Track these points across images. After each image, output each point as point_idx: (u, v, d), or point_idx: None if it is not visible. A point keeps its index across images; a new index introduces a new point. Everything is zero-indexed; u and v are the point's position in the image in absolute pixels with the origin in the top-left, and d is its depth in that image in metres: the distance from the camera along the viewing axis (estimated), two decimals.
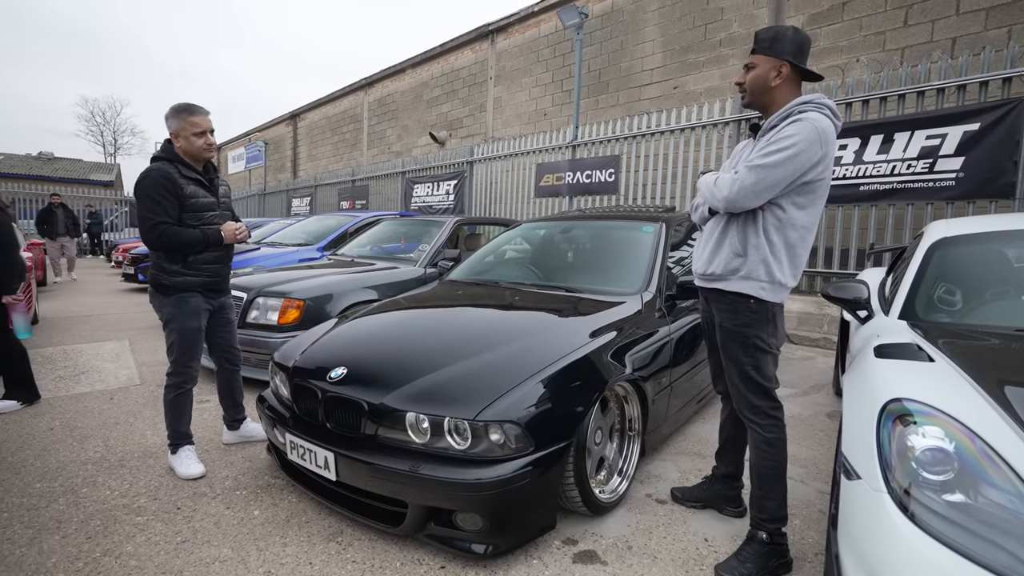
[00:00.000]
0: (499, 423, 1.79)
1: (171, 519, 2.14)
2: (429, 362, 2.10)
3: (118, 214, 19.02)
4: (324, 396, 2.07)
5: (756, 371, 1.80)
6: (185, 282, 2.48)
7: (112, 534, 2.03)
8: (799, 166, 1.63)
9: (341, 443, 1.97)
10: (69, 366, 4.35)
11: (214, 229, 2.50)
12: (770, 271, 1.73)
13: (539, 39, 11.63)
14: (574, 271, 3.40)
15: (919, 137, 5.23)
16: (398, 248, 5.46)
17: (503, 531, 1.84)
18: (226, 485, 2.43)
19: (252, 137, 24.96)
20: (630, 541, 2.03)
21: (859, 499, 1.26)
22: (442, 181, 10.82)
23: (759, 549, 1.80)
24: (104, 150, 43.90)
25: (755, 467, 1.85)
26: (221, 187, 2.65)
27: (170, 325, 2.50)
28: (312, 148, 20.77)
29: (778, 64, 1.74)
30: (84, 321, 6.34)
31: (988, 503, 1.10)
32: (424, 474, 1.77)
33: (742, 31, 8.27)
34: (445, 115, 14.16)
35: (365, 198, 13.22)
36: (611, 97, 10.15)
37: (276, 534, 2.04)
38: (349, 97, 18.29)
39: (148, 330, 5.85)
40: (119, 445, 2.83)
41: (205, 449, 2.76)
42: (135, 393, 3.71)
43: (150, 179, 2.37)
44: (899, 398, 1.34)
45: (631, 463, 2.38)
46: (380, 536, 2.02)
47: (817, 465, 2.71)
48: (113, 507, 2.22)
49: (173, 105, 2.44)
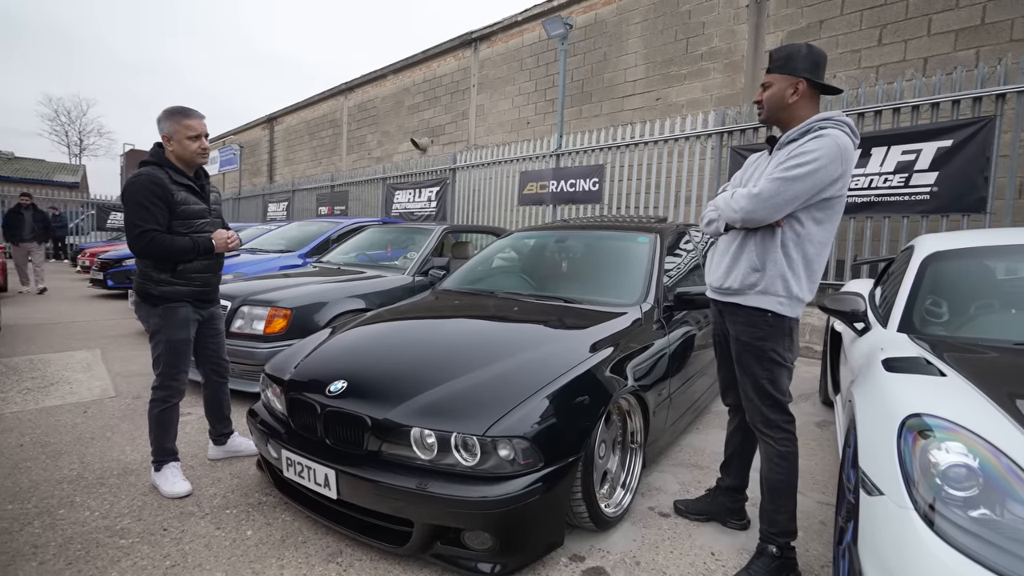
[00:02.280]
0: (508, 439, 1.75)
1: (158, 541, 2.03)
2: (432, 375, 2.05)
3: (84, 217, 18.34)
4: (323, 411, 2.00)
5: (772, 385, 1.81)
6: (174, 292, 2.38)
7: (95, 559, 1.91)
8: (819, 181, 1.64)
9: (342, 460, 1.90)
10: (37, 377, 4.13)
11: (205, 237, 2.41)
12: (788, 286, 1.74)
13: (522, 48, 11.69)
14: (571, 281, 3.38)
15: (895, 152, 5.39)
16: (384, 256, 5.37)
17: (512, 549, 1.80)
18: (215, 504, 2.32)
19: (226, 140, 24.40)
20: (637, 556, 2.00)
21: (883, 515, 1.26)
22: (424, 188, 10.74)
23: (769, 563, 1.80)
24: (69, 150, 42.40)
25: (767, 480, 1.85)
26: (212, 194, 2.55)
27: (157, 336, 2.39)
28: (289, 152, 20.42)
29: (794, 81, 1.77)
30: (51, 329, 6.05)
31: (1015, 519, 1.11)
32: (432, 492, 1.72)
33: (723, 45, 8.44)
34: (427, 122, 14.08)
35: (344, 204, 13.06)
36: (594, 107, 10.24)
37: (272, 555, 1.95)
38: (329, 101, 18.06)
39: (121, 339, 5.62)
40: (96, 462, 2.69)
41: (190, 465, 2.65)
42: (110, 406, 3.54)
43: (139, 184, 2.27)
44: (918, 413, 1.35)
45: (634, 476, 2.36)
46: (383, 556, 1.95)
47: (812, 475, 2.74)
48: (94, 529, 2.10)
49: (167, 108, 2.35)
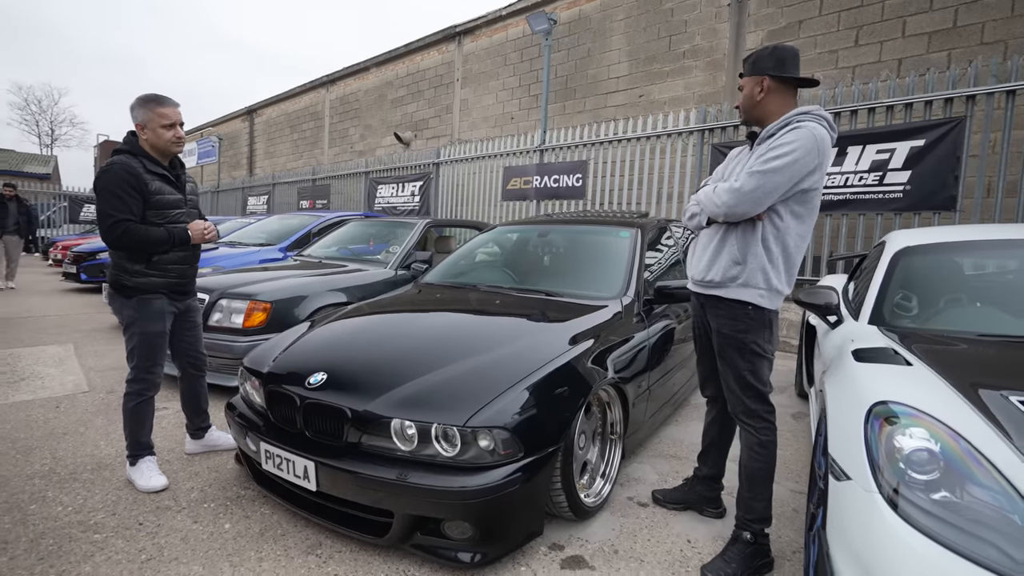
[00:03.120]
0: (489, 429, 1.76)
1: (133, 536, 2.00)
2: (413, 367, 2.06)
3: (55, 209, 17.83)
4: (303, 403, 1.99)
5: (753, 375, 1.85)
6: (149, 283, 2.34)
7: (67, 554, 1.88)
8: (797, 172, 1.69)
9: (322, 452, 1.90)
10: (7, 372, 4.03)
11: (181, 228, 2.37)
12: (768, 279, 1.79)
13: (507, 43, 11.66)
14: (553, 275, 3.40)
15: (870, 151, 5.52)
16: (366, 250, 5.33)
17: (492, 539, 1.81)
18: (192, 497, 2.30)
19: (204, 132, 23.90)
20: (616, 545, 2.04)
21: (850, 499, 1.30)
22: (408, 182, 10.67)
23: (743, 549, 1.84)
24: (40, 141, 41.24)
25: (746, 468, 1.89)
26: (188, 184, 2.51)
27: (131, 329, 2.35)
28: (270, 145, 20.10)
29: (760, 80, 1.82)
30: (21, 323, 5.90)
31: (973, 500, 1.16)
32: (412, 483, 1.73)
33: (705, 44, 8.53)
34: (410, 115, 13.98)
35: (326, 198, 12.91)
36: (578, 103, 10.27)
37: (250, 548, 1.94)
38: (310, 94, 17.81)
39: (94, 333, 5.50)
40: (69, 457, 2.64)
41: (166, 460, 2.61)
42: (83, 401, 3.47)
43: (112, 173, 2.22)
44: (884, 401, 1.40)
45: (613, 466, 2.40)
46: (362, 547, 1.95)
47: (787, 465, 2.80)
48: (66, 524, 2.06)
49: (140, 95, 2.30)
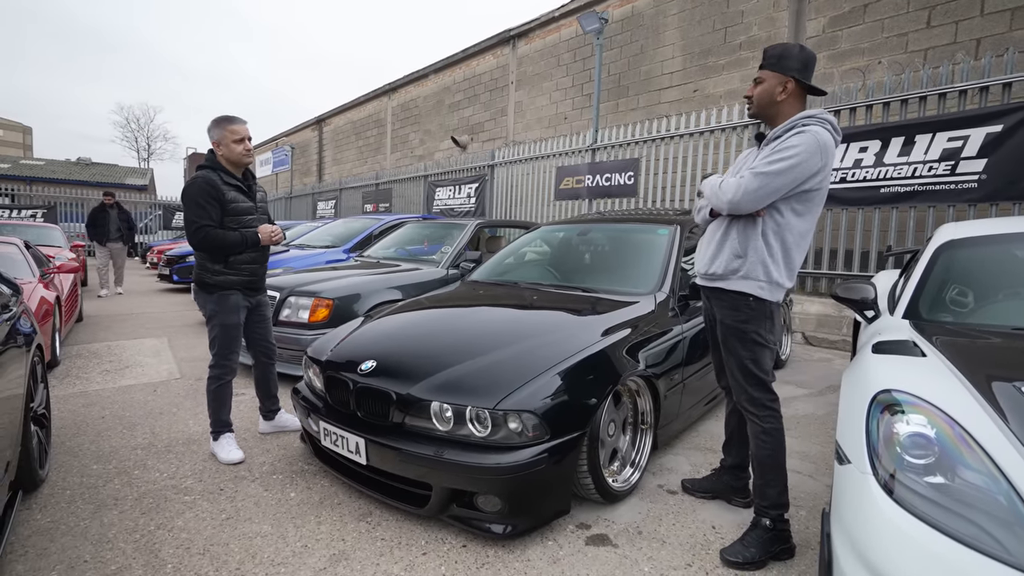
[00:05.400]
0: (517, 412, 1.93)
1: (215, 499, 2.33)
2: (452, 356, 2.25)
3: (152, 217, 19.72)
4: (355, 387, 2.23)
5: (754, 364, 1.91)
6: (226, 281, 2.68)
7: (164, 511, 2.22)
8: (800, 175, 1.75)
9: (371, 430, 2.13)
10: (114, 361, 4.62)
11: (252, 231, 2.70)
12: (768, 272, 1.85)
13: (560, 44, 11.76)
14: (591, 272, 3.52)
15: (941, 139, 5.20)
16: (421, 250, 5.64)
17: (520, 513, 1.97)
18: (264, 470, 2.61)
19: (279, 142, 25.60)
20: (640, 527, 2.14)
21: (848, 481, 1.36)
22: (464, 184, 11.01)
23: (762, 535, 1.90)
24: (138, 155, 45.64)
25: (755, 456, 1.95)
26: (258, 192, 2.84)
27: (212, 321, 2.71)
28: (337, 152, 21.23)
29: (784, 80, 1.85)
30: (124, 320, 6.67)
31: (964, 484, 1.20)
32: (447, 459, 1.92)
33: (762, 34, 8.27)
34: (467, 119, 14.38)
35: (388, 201, 13.51)
36: (631, 101, 10.22)
37: (311, 513, 2.21)
38: (373, 102, 18.68)
39: (185, 328, 6.14)
40: (165, 432, 3.05)
41: (243, 438, 2.96)
42: (176, 386, 3.95)
43: (196, 186, 2.57)
44: (888, 389, 1.44)
45: (643, 455, 2.49)
46: (406, 517, 2.18)
47: (827, 462, 2.78)
48: (163, 487, 2.42)
49: (214, 118, 2.65)
